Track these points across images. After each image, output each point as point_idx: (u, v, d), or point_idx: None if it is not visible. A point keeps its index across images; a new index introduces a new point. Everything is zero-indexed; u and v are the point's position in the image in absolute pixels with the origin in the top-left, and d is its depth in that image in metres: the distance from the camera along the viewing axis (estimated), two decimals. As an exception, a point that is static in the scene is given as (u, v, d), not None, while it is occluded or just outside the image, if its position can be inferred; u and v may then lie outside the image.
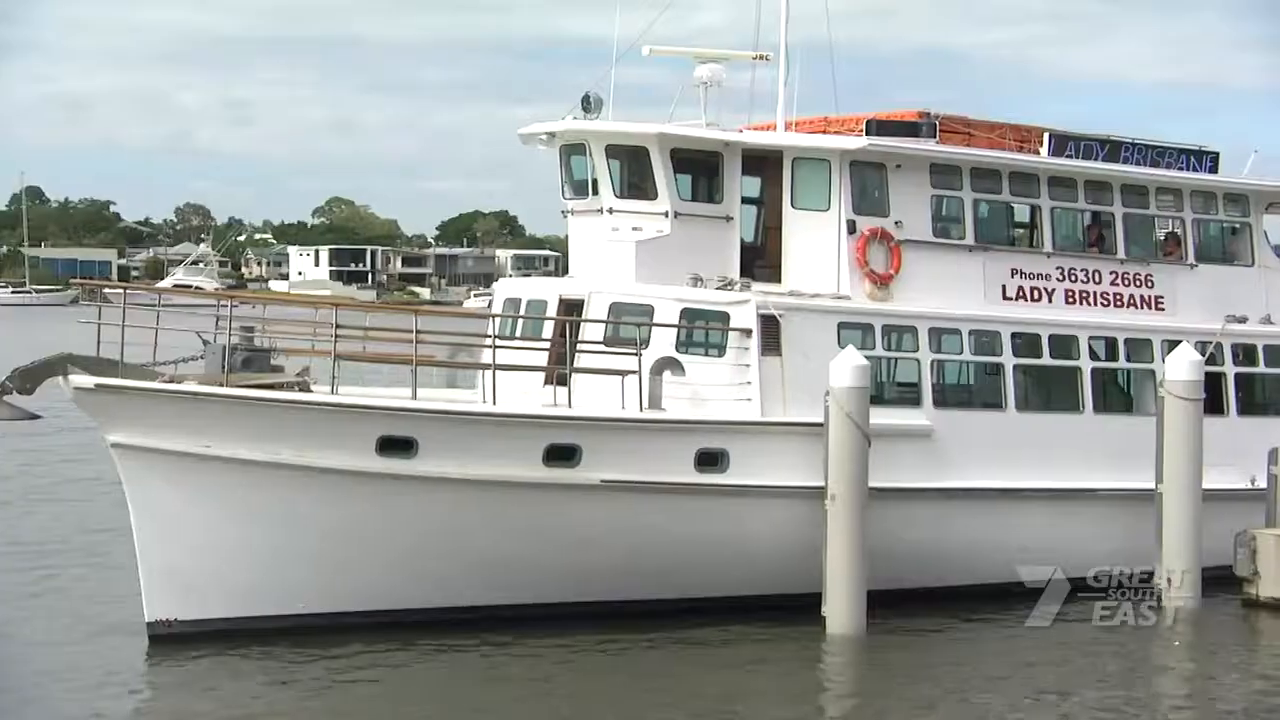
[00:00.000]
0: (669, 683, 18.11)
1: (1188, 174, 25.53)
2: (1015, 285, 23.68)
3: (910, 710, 17.17)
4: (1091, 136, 24.87)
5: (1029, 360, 23.17)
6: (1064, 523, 22.75)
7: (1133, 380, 24.49)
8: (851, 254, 22.41)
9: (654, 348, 20.94)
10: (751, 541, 20.59)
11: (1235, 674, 19.02)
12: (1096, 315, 24.13)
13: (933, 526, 21.65)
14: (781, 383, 20.96)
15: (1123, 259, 24.65)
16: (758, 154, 22.80)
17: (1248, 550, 22.08)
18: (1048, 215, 24.23)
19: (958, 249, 23.31)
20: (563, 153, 23.42)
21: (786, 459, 20.55)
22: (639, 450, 19.97)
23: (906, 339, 22.44)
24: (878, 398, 21.12)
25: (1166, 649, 20.53)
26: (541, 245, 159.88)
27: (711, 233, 22.40)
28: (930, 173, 23.13)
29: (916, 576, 21.61)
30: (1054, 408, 23.35)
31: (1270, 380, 25.45)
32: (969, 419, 22.51)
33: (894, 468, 20.79)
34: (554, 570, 20.06)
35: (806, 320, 21.44)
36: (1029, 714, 17.14)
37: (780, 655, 19.33)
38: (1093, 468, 22.93)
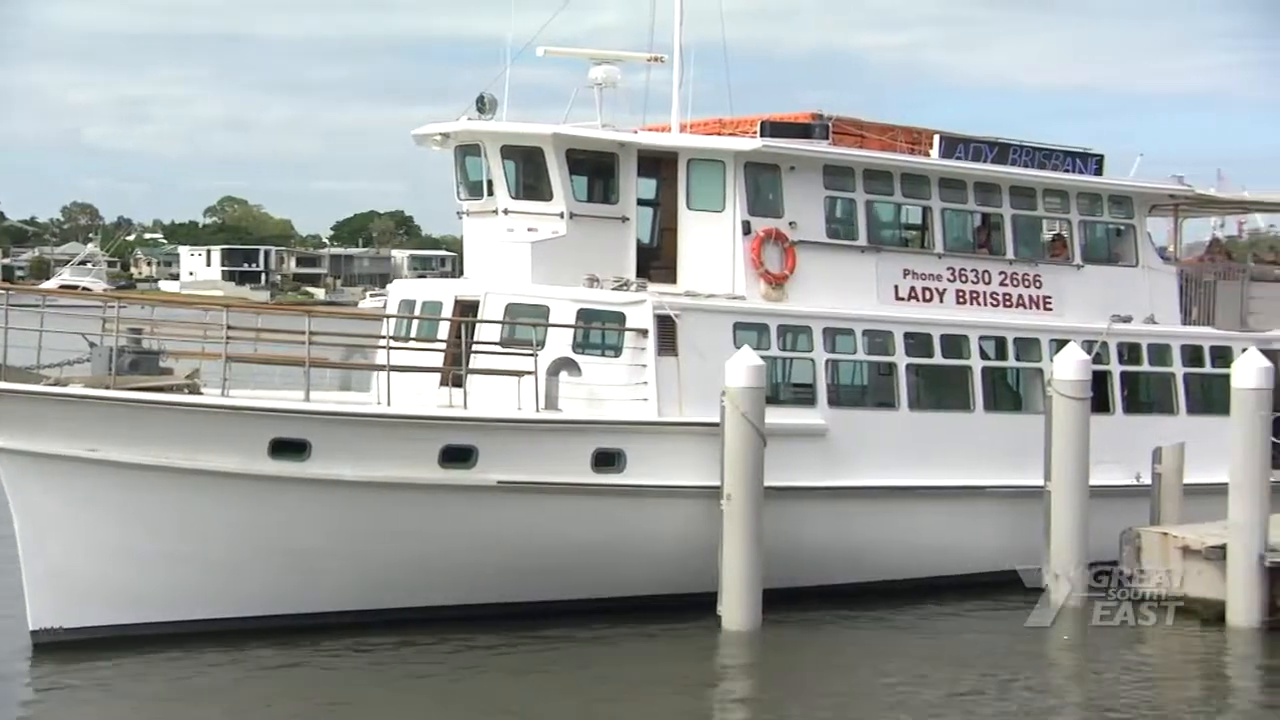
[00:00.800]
0: (564, 682, 18.10)
1: (1074, 176, 26.02)
2: (907, 286, 23.97)
3: (803, 707, 17.29)
4: (980, 139, 25.27)
5: (921, 360, 23.46)
6: (956, 520, 23.08)
7: (1022, 379, 24.90)
8: (747, 255, 22.55)
9: (550, 348, 20.93)
10: (648, 541, 20.63)
11: (1119, 667, 19.38)
12: (986, 315, 24.50)
13: (827, 525, 21.85)
14: (678, 383, 21.04)
15: (1011, 260, 25.05)
16: (653, 155, 22.87)
17: (1133, 548, 22.50)
18: (938, 216, 24.57)
19: (851, 250, 23.55)
20: (457, 153, 23.31)
21: (683, 459, 20.63)
22: (535, 451, 19.93)
23: (801, 339, 22.62)
24: (773, 397, 21.26)
25: (1056, 644, 20.87)
26: (438, 246, 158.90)
27: (607, 233, 22.43)
28: (824, 174, 23.35)
29: (811, 575, 21.79)
30: (945, 407, 23.67)
31: (1154, 379, 26.01)
32: (863, 418, 22.75)
33: (789, 467, 20.94)
34: (451, 572, 19.96)
35: (702, 320, 21.54)
36: (920, 709, 17.33)
37: (675, 654, 19.40)
38: (984, 466, 23.28)
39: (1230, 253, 32.07)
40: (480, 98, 22.50)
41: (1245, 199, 31.97)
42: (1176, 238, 31.38)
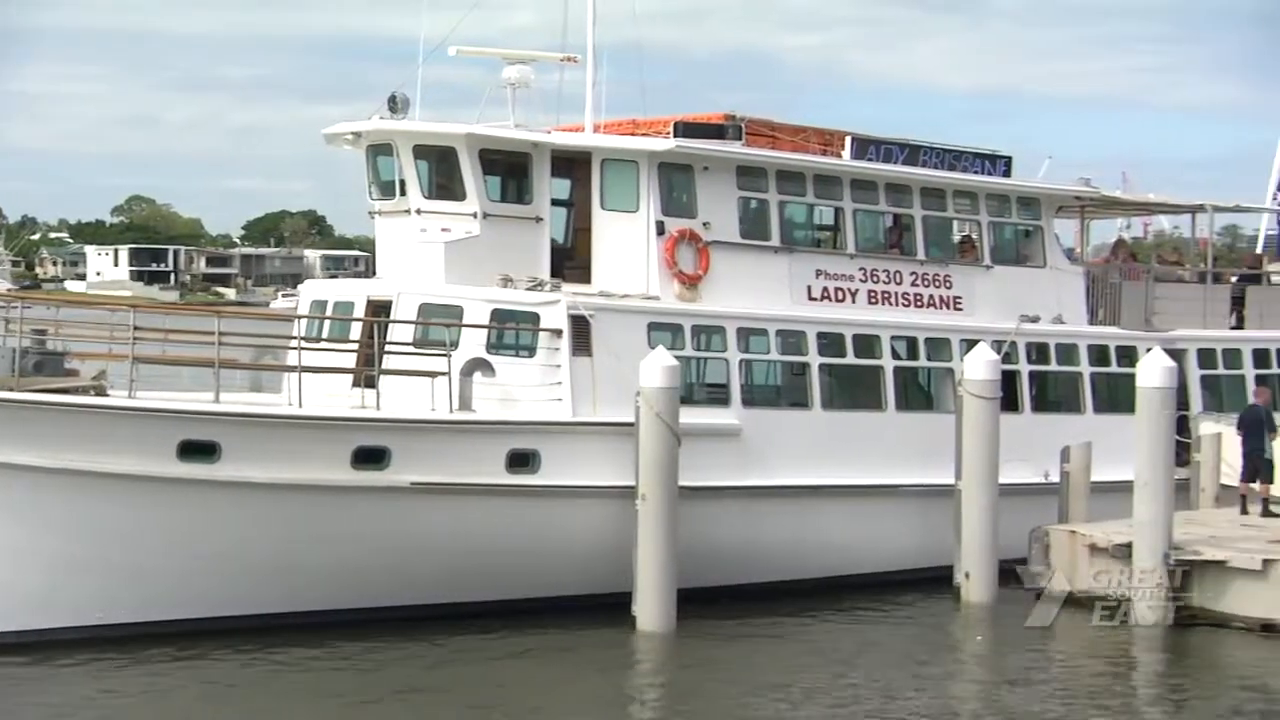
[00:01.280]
0: (478, 684, 18.01)
1: (983, 178, 26.32)
2: (820, 286, 24.12)
3: (718, 707, 17.34)
4: (891, 140, 25.48)
5: (834, 360, 23.62)
6: (869, 519, 23.27)
7: (933, 379, 25.15)
8: (661, 255, 22.58)
9: (464, 349, 20.82)
10: (563, 542, 20.59)
11: (1026, 664, 19.61)
12: (898, 315, 24.72)
13: (742, 525, 21.93)
14: (592, 383, 21.02)
15: (922, 260, 25.29)
16: (567, 155, 22.83)
17: (1041, 545, 22.80)
18: (850, 217, 24.75)
19: (764, 250, 23.65)
20: (369, 153, 23.14)
21: (597, 459, 20.61)
22: (449, 452, 19.84)
23: (715, 339, 22.69)
24: (687, 398, 21.30)
25: (967, 642, 21.10)
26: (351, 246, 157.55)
27: (521, 234, 22.36)
28: (737, 175, 23.43)
29: (726, 574, 21.86)
30: (858, 406, 23.84)
31: (1062, 378, 26.38)
32: (776, 418, 22.86)
33: (703, 467, 21.00)
34: (364, 575, 19.80)
35: (617, 321, 21.53)
36: (833, 707, 17.45)
37: (590, 655, 19.37)
38: (896, 465, 23.48)
39: (1135, 254, 32.61)
40: (392, 97, 22.34)
41: (1150, 201, 32.57)
42: (1083, 239, 31.91)
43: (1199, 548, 21.30)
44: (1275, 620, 20.32)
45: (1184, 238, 36.17)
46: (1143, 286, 27.95)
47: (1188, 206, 31.45)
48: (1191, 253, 32.14)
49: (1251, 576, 20.57)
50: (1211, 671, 19.30)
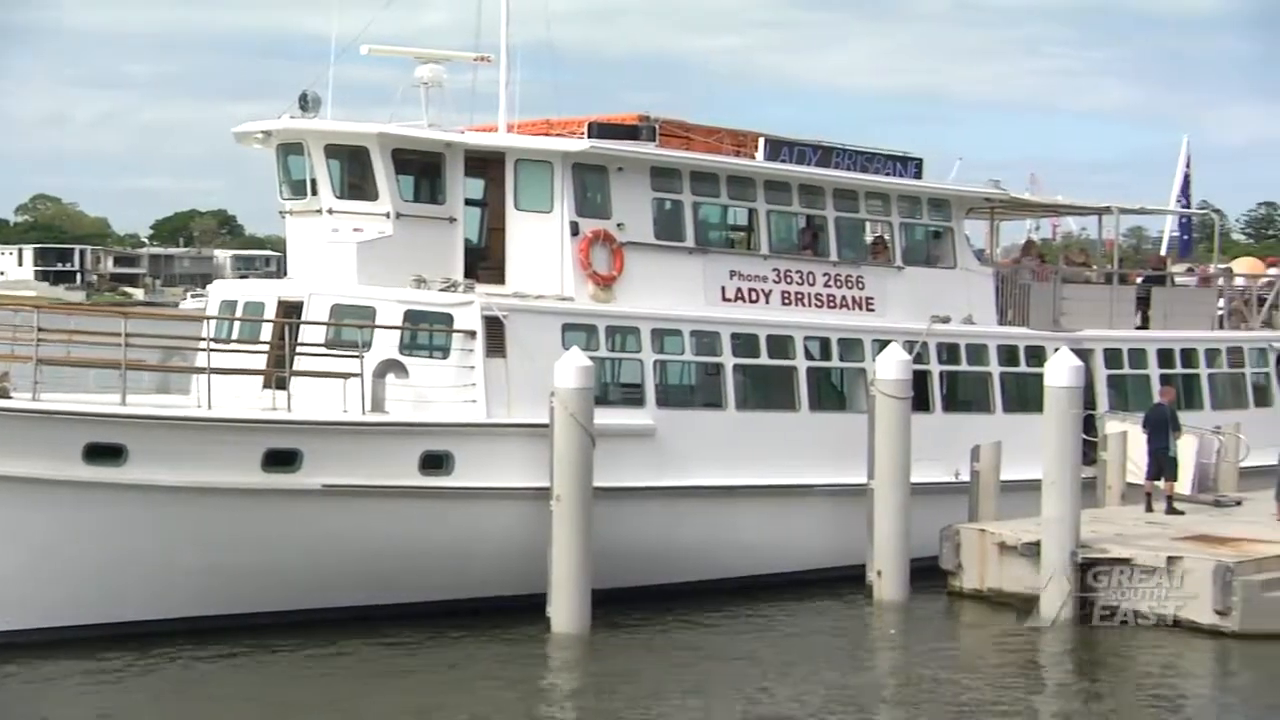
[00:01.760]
0: (391, 687, 17.88)
1: (894, 179, 26.54)
2: (734, 287, 24.20)
3: (632, 707, 17.35)
4: (804, 142, 25.61)
5: (748, 360, 23.71)
6: (783, 519, 23.39)
7: (845, 379, 25.33)
8: (575, 256, 22.55)
9: (376, 350, 20.68)
10: (477, 543, 20.51)
11: (937, 662, 19.80)
12: (811, 316, 24.86)
13: (657, 525, 21.96)
14: (506, 384, 20.94)
15: (835, 261, 25.45)
16: (480, 155, 22.73)
17: (952, 544, 23.06)
18: (764, 218, 24.86)
19: (678, 251, 23.69)
20: (279, 152, 22.89)
21: (511, 460, 20.55)
22: (361, 454, 19.68)
23: (630, 340, 22.69)
24: (602, 398, 21.28)
25: (880, 640, 21.28)
26: (262, 245, 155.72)
27: (434, 234, 22.23)
28: (651, 176, 23.45)
29: (641, 575, 21.87)
30: (772, 406, 23.95)
31: (972, 378, 26.65)
32: (691, 418, 22.91)
33: (618, 468, 21.00)
34: (275, 578, 19.59)
35: (531, 321, 21.47)
36: (749, 706, 17.51)
37: (504, 656, 19.30)
38: (809, 465, 23.62)
39: (1044, 255, 33.06)
40: (303, 95, 22.13)
41: (1057, 203, 33.05)
42: (992, 240, 32.31)
43: (1105, 545, 21.65)
44: (1179, 616, 20.67)
45: (1091, 239, 36.76)
46: (1050, 287, 28.32)
47: (1094, 208, 31.95)
48: (1098, 254, 32.64)
49: (1156, 573, 20.93)
50: (1117, 667, 19.59)
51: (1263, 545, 21.75)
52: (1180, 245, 39.60)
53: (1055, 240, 58.00)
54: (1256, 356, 30.74)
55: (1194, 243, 40.16)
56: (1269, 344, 31.01)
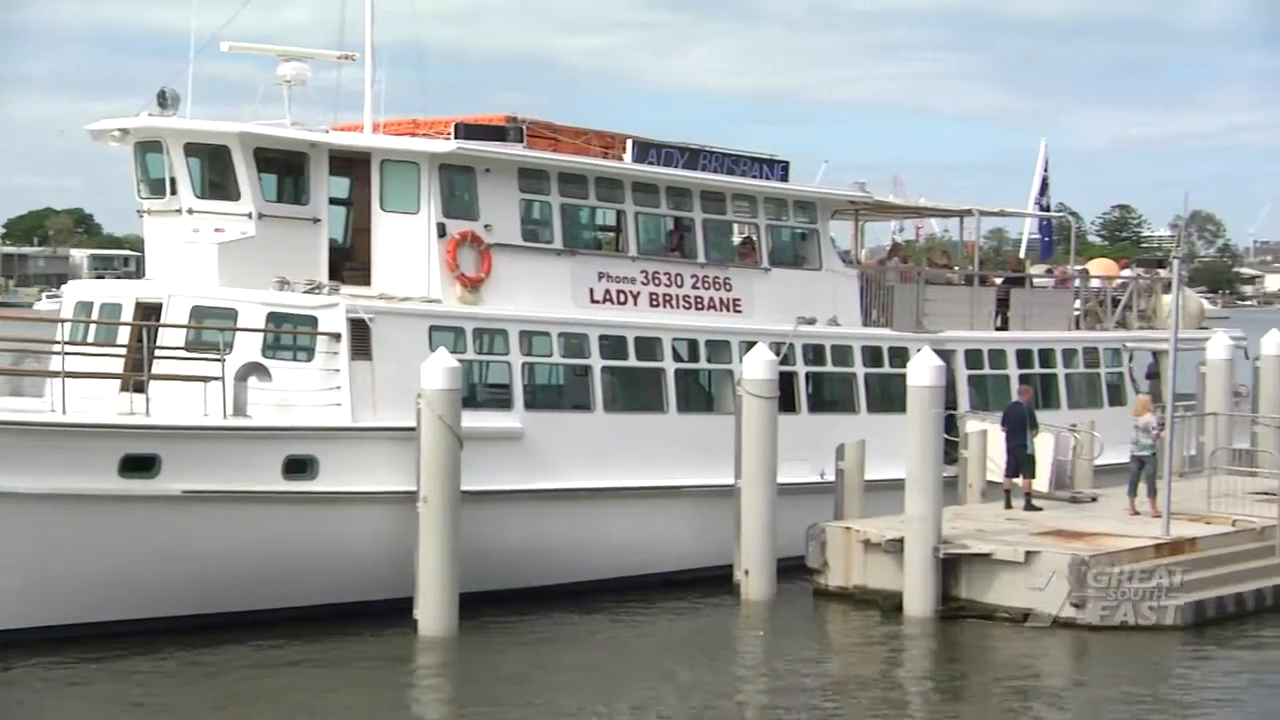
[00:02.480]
0: (256, 693, 17.62)
1: (761, 182, 26.76)
2: (602, 288, 24.21)
3: (498, 710, 17.28)
4: (672, 144, 25.73)
5: (616, 362, 23.74)
6: (652, 520, 23.45)
7: (713, 380, 25.48)
8: (442, 257, 22.40)
9: (238, 353, 20.34)
10: (344, 548, 20.28)
11: (802, 659, 20.01)
12: (679, 317, 24.97)
13: (525, 527, 21.89)
14: (372, 387, 20.73)
15: (703, 263, 25.59)
16: (345, 155, 22.50)
17: (818, 542, 23.31)
18: (632, 220, 24.91)
19: (546, 253, 23.65)
20: (137, 150, 22.42)
21: (378, 464, 20.35)
22: (223, 459, 19.34)
23: (497, 342, 22.60)
24: (469, 400, 21.17)
25: (748, 639, 21.43)
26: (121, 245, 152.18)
27: (298, 234, 21.95)
28: (519, 177, 23.38)
29: (510, 577, 21.79)
30: (640, 408, 24.00)
31: (837, 379, 26.96)
32: (559, 420, 22.87)
33: (486, 470, 20.90)
34: (134, 586, 19.17)
35: (397, 324, 21.27)
36: (617, 709, 17.53)
37: (372, 660, 19.13)
38: (678, 466, 23.71)
39: (907, 257, 33.57)
40: (161, 92, 21.70)
41: (921, 205, 33.61)
42: (857, 242, 32.75)
43: (966, 541, 22.05)
44: (1037, 610, 21.13)
45: (953, 241, 37.41)
46: (914, 289, 28.76)
47: (956, 211, 32.52)
48: (960, 256, 33.24)
49: (1015, 568, 21.37)
50: (978, 660, 19.97)
51: (1116, 539, 22.33)
52: (1041, 247, 40.44)
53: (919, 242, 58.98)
54: (1111, 356, 31.53)
55: (1054, 244, 41.02)
56: (1123, 344, 31.84)
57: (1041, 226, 40.31)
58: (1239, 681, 18.96)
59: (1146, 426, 24.16)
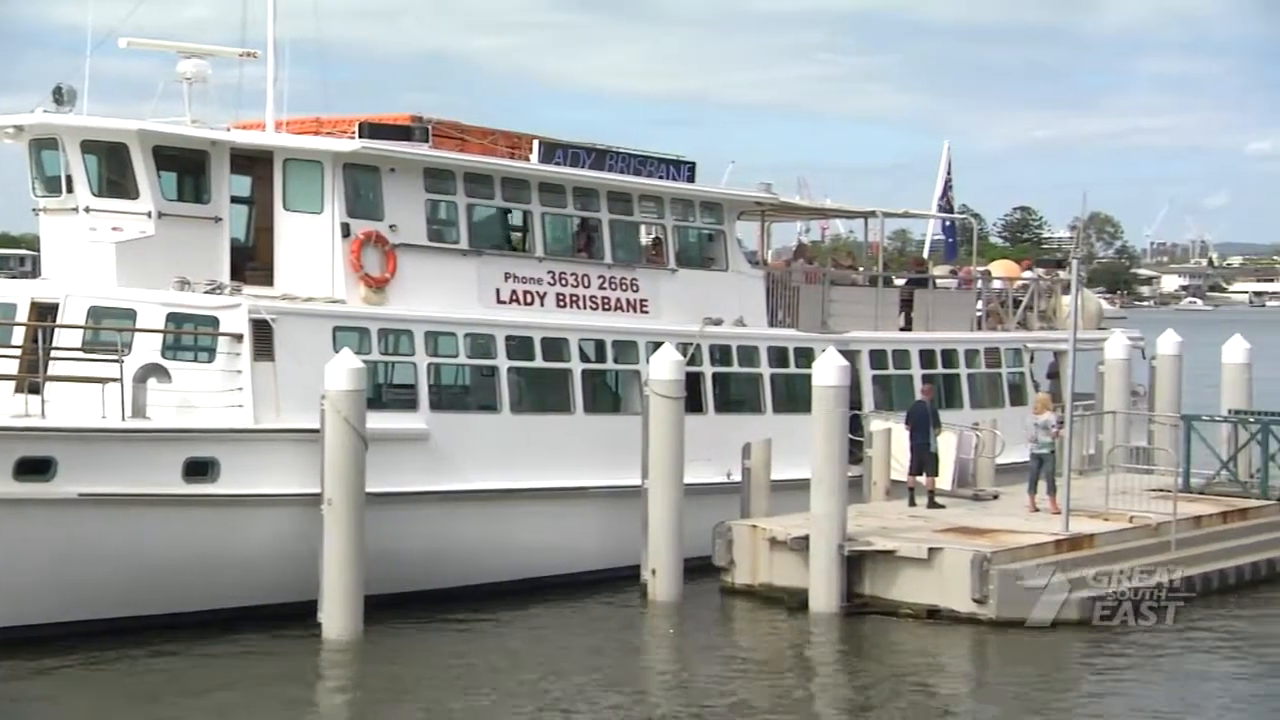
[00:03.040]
0: (155, 699, 17.37)
1: (668, 183, 26.83)
2: (509, 289, 24.13)
3: (405, 713, 17.17)
4: (579, 145, 25.72)
5: (523, 363, 23.68)
6: (559, 521, 23.41)
7: (620, 381, 25.50)
8: (346, 257, 22.21)
9: (137, 354, 20.03)
10: (246, 551, 20.04)
11: (709, 657, 20.09)
12: (586, 318, 24.95)
13: (431, 529, 21.76)
14: (275, 388, 20.50)
15: (610, 264, 25.60)
16: (247, 154, 22.25)
17: (724, 541, 23.42)
18: (539, 220, 24.86)
19: (452, 253, 23.54)
20: (32, 147, 22.04)
21: (281, 466, 20.14)
22: (121, 461, 19.04)
23: (403, 342, 22.45)
24: (375, 401, 21.02)
25: (656, 638, 21.46)
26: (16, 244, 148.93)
27: (199, 234, 21.68)
28: (424, 177, 23.24)
29: (416, 579, 21.65)
30: (547, 409, 23.96)
31: (744, 379, 27.09)
32: (465, 421, 22.77)
33: (391, 472, 20.75)
34: (31, 590, 18.79)
35: (300, 324, 21.06)
36: (524, 711, 17.48)
37: (275, 665, 18.93)
38: (585, 466, 23.69)
39: (812, 258, 33.80)
40: (57, 89, 21.34)
41: (826, 206, 33.89)
42: (763, 243, 32.95)
43: (871, 539, 22.26)
44: (939, 606, 21.38)
45: (858, 242, 37.72)
46: (819, 290, 28.97)
47: (860, 212, 32.84)
48: (864, 257, 33.54)
49: (918, 565, 21.62)
50: (882, 656, 20.16)
51: (1017, 536, 22.66)
52: (945, 249, 40.92)
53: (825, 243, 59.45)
54: (1012, 356, 31.98)
55: (957, 246, 41.52)
56: (1024, 344, 32.30)
57: (945, 228, 40.78)
58: (1133, 674, 19.32)
59: (1046, 425, 24.53)
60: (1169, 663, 19.85)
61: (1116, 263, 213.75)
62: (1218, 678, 19.38)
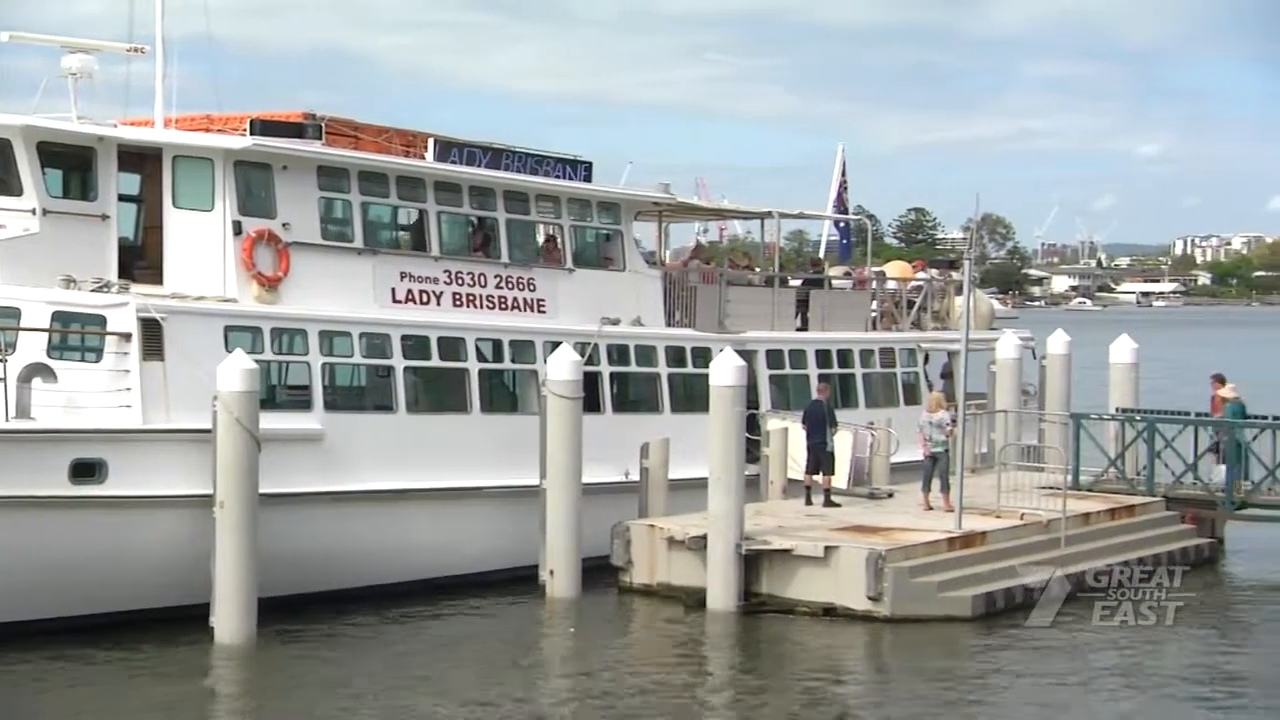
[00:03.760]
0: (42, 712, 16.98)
1: (565, 182, 26.79)
2: (405, 288, 23.94)
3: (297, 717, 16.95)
4: (474, 143, 25.59)
5: (419, 362, 23.51)
6: (457, 521, 23.28)
7: (517, 381, 25.42)
8: (238, 255, 21.91)
9: (21, 353, 19.61)
10: (135, 554, 19.70)
11: (608, 657, 20.08)
12: (483, 318, 24.83)
13: (326, 530, 21.54)
14: (165, 388, 20.17)
15: (506, 263, 25.49)
16: (136, 150, 21.86)
17: (622, 540, 23.43)
18: (434, 219, 24.69)
19: (347, 252, 23.30)
20: (-90, 142, 21.42)
21: (171, 467, 19.83)
22: (5, 463, 18.62)
23: (297, 342, 22.19)
24: (268, 401, 20.76)
25: (553, 638, 21.40)
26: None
27: (86, 232, 21.27)
28: (318, 175, 23.00)
29: (311, 581, 21.41)
30: (444, 409, 23.81)
31: (641, 379, 27.13)
32: (360, 421, 22.56)
33: (285, 472, 20.51)
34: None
35: (191, 323, 20.74)
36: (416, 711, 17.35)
37: (165, 670, 18.61)
38: (482, 466, 23.58)
39: (709, 258, 33.95)
40: (-62, 83, 20.79)
41: (723, 207, 34.07)
42: (660, 243, 33.03)
43: (768, 537, 22.38)
44: (835, 604, 21.56)
45: (755, 243, 37.98)
46: (716, 290, 29.08)
47: (757, 213, 33.02)
48: (762, 258, 33.74)
49: (814, 563, 21.77)
50: (779, 654, 20.29)
51: (911, 534, 22.91)
52: (840, 249, 41.31)
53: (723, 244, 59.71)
54: (906, 356, 32.34)
55: (852, 246, 41.94)
56: (918, 344, 32.68)
57: (842, 229, 41.16)
58: (1025, 669, 19.61)
59: (940, 424, 24.81)
60: (1057, 658, 20.17)
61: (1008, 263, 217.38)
62: (1105, 671, 19.73)
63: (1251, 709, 17.99)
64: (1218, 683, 19.04)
